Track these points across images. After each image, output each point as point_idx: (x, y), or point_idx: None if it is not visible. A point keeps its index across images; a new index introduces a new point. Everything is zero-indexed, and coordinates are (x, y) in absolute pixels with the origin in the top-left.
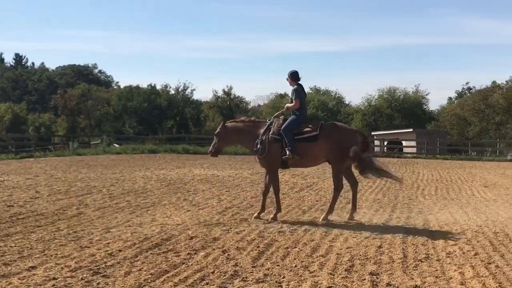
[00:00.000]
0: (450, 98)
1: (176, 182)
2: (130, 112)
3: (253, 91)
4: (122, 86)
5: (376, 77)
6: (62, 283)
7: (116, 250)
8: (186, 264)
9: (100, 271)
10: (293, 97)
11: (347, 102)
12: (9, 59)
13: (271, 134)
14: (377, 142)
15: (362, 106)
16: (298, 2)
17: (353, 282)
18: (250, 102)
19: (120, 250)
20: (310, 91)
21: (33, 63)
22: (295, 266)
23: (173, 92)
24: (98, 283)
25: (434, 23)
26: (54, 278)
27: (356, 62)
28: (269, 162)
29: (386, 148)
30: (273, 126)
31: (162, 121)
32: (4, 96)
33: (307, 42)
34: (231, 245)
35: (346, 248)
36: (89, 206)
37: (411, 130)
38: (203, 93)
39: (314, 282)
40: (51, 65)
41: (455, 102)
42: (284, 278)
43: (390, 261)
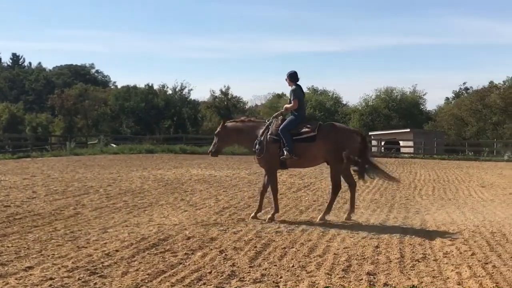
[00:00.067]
0: (448, 98)
1: (173, 182)
2: (127, 112)
3: (250, 91)
4: (119, 86)
5: (373, 77)
6: (59, 283)
7: (113, 250)
8: (183, 264)
9: (97, 271)
10: (291, 97)
11: (345, 102)
12: (6, 59)
13: (270, 134)
14: (374, 142)
15: (359, 106)
16: (298, 2)
17: (350, 282)
18: (247, 102)
19: (117, 250)
20: (307, 91)
21: (30, 63)
22: (293, 266)
23: (170, 92)
24: (95, 283)
25: (432, 24)
26: (51, 278)
27: (353, 62)
28: (267, 163)
29: (383, 148)
30: (271, 127)
31: (160, 121)
32: (1, 96)
33: (306, 42)
34: (229, 245)
35: (344, 248)
36: (86, 206)
37: (409, 130)
38: (201, 93)
39: (311, 282)
40: (48, 65)
41: (453, 102)
42: (281, 278)
43: (387, 261)
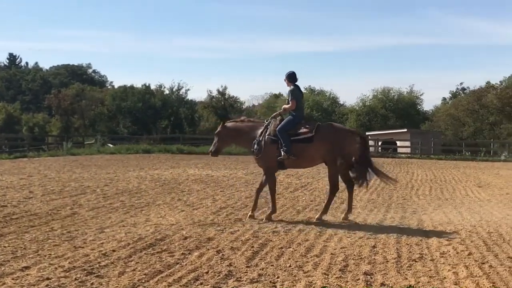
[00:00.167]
0: (444, 99)
1: (170, 182)
2: (124, 112)
3: (247, 91)
4: (116, 86)
5: (370, 77)
6: (55, 283)
7: (110, 250)
8: (180, 264)
9: (94, 271)
10: (289, 98)
11: (342, 102)
12: (3, 59)
13: (268, 134)
14: (371, 142)
15: (356, 106)
16: (298, 2)
17: (347, 282)
18: (244, 102)
19: (114, 250)
20: (304, 91)
21: (27, 63)
22: (290, 266)
23: (167, 92)
24: (92, 283)
25: (429, 24)
26: (48, 278)
27: (353, 62)
28: (265, 163)
29: (380, 148)
30: (270, 127)
31: (157, 121)
32: None
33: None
34: (226, 245)
35: (341, 248)
36: (83, 206)
37: (405, 130)
38: (198, 93)
39: (308, 282)
40: (45, 65)
41: (449, 102)
42: (278, 278)
43: (384, 261)
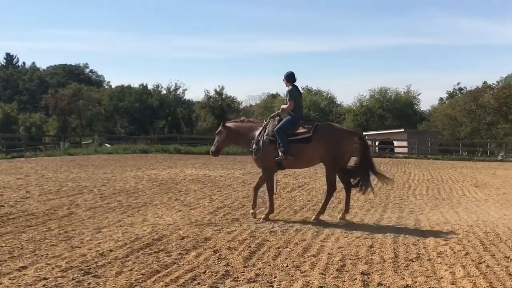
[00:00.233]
0: (441, 99)
1: (167, 182)
2: (121, 112)
3: (247, 92)
4: (113, 86)
5: (370, 77)
6: (53, 283)
7: (107, 250)
8: (178, 264)
9: (91, 271)
10: (287, 98)
11: (339, 102)
12: (0, 59)
13: (266, 135)
14: (368, 142)
15: (353, 106)
16: (298, 2)
17: (344, 281)
18: (242, 102)
19: (111, 250)
20: (302, 91)
21: (24, 63)
22: (287, 266)
23: (164, 92)
24: (89, 283)
25: (426, 24)
26: (45, 278)
27: (349, 63)
28: (263, 163)
29: (377, 148)
30: (268, 127)
31: (154, 121)
32: None
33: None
34: (223, 245)
35: (338, 248)
36: (80, 206)
37: (403, 130)
38: (195, 93)
39: (306, 282)
40: (42, 64)
41: (446, 102)
42: (275, 278)
43: (381, 260)
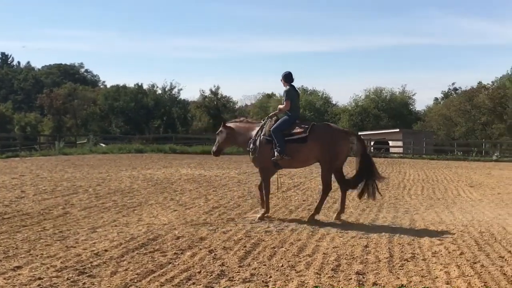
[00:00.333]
0: (437, 99)
1: (163, 182)
2: (116, 111)
3: (240, 91)
4: (108, 86)
5: (370, 77)
6: (47, 283)
7: (102, 250)
8: (173, 264)
9: (86, 271)
10: (284, 98)
11: (334, 102)
12: None
13: (263, 135)
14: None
15: (349, 106)
16: (297, 2)
17: (339, 281)
18: (237, 102)
19: (106, 250)
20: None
21: (19, 62)
22: (282, 266)
23: (160, 91)
24: (84, 283)
25: (422, 24)
26: (40, 278)
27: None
28: (260, 163)
29: (372, 148)
30: (265, 127)
31: (149, 120)
32: None
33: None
34: (218, 244)
35: (333, 247)
36: (75, 205)
37: (398, 130)
38: (190, 92)
39: (301, 281)
40: (37, 64)
41: (441, 102)
42: (270, 277)
43: (376, 260)
